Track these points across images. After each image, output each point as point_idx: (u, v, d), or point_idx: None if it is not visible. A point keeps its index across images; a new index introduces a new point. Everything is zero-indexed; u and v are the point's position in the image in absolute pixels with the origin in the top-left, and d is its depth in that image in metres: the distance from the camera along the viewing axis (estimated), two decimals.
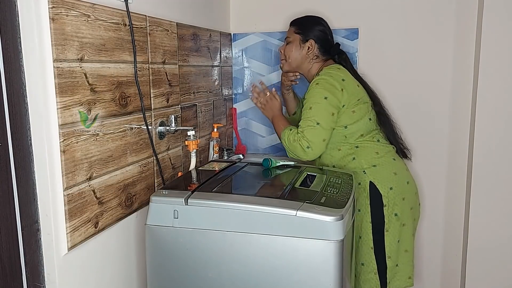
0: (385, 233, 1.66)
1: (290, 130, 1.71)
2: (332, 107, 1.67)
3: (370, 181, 1.67)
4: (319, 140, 1.64)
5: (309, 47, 1.83)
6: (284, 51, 1.89)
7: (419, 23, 2.02)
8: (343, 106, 1.69)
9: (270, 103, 1.88)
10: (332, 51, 1.87)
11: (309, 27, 1.84)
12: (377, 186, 1.66)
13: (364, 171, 1.69)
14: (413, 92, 2.07)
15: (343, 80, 1.71)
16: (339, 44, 1.90)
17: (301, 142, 1.64)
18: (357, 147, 1.73)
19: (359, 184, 1.68)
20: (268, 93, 1.89)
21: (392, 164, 1.72)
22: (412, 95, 2.08)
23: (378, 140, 1.76)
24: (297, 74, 1.94)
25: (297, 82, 1.99)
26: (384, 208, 1.66)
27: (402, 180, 1.71)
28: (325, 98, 1.66)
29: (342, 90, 1.68)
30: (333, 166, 1.75)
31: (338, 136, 1.73)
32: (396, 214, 1.67)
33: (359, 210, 1.68)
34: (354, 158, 1.71)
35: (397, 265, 1.70)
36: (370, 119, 1.75)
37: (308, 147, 1.64)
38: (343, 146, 1.74)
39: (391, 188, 1.66)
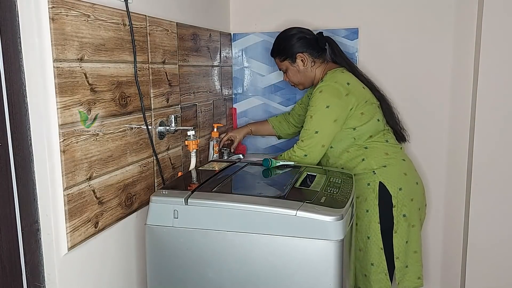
0: (394, 234, 1.66)
1: (286, 152, 1.78)
2: (335, 114, 1.68)
3: (380, 182, 1.66)
4: (317, 148, 1.70)
5: (302, 60, 1.83)
6: (289, 79, 1.92)
7: (419, 23, 2.02)
8: (351, 109, 1.70)
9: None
10: (320, 43, 1.87)
11: (288, 47, 1.84)
12: (386, 187, 1.65)
13: (374, 171, 1.68)
14: (413, 92, 2.08)
15: (348, 83, 1.72)
16: (321, 33, 1.90)
17: (296, 153, 1.71)
18: (366, 148, 1.72)
19: (368, 184, 1.68)
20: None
21: (402, 165, 1.72)
22: (413, 94, 2.08)
23: (387, 141, 1.76)
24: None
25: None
26: (393, 209, 1.65)
27: (411, 180, 1.71)
28: (327, 107, 1.68)
29: (347, 94, 1.70)
30: (342, 168, 1.74)
31: (347, 139, 1.73)
32: (404, 215, 1.66)
33: (367, 211, 1.67)
34: (363, 159, 1.71)
35: (406, 266, 1.70)
36: (378, 120, 1.75)
37: (305, 155, 1.70)
38: (351, 148, 1.73)
39: (400, 189, 1.66)
